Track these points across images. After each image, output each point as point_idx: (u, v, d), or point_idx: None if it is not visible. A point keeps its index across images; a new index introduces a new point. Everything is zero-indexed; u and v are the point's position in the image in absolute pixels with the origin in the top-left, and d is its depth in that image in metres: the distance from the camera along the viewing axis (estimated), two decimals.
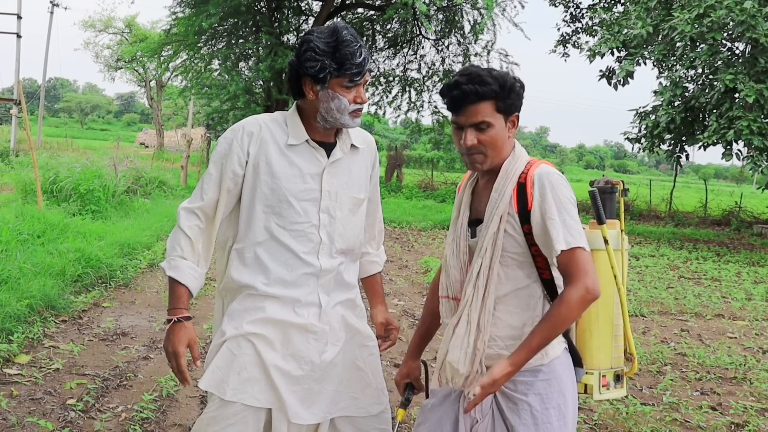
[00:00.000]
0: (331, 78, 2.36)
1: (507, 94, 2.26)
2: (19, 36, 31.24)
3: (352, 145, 2.55)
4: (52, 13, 37.06)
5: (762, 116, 15.48)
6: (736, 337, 7.38)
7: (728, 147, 16.85)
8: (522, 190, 2.25)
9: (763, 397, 5.42)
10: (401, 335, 6.49)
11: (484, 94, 2.24)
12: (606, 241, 2.32)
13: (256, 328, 2.40)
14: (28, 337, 5.54)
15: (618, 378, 2.41)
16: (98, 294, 7.22)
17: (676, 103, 17.60)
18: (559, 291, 2.28)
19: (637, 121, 19.06)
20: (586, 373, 2.37)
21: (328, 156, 2.48)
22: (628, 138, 19.57)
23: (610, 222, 2.40)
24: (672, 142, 19.05)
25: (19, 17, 31.51)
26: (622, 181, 2.49)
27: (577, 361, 2.36)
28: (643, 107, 18.96)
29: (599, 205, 2.37)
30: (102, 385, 4.76)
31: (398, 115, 22.34)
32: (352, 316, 2.58)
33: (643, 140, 19.08)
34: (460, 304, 2.32)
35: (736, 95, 15.90)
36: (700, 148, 17.66)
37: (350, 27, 2.42)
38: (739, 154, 17.26)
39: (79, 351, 5.41)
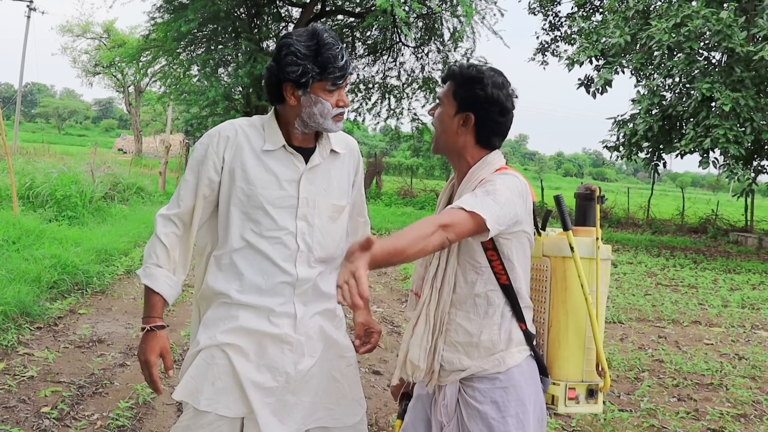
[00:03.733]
0: (313, 82, 2.32)
1: (463, 83, 2.30)
2: None
3: (332, 151, 2.50)
4: (29, 17, 36.86)
5: (738, 125, 15.64)
6: (712, 344, 7.43)
7: (705, 155, 17.02)
8: None
9: (739, 403, 5.46)
10: (380, 342, 6.47)
11: (450, 74, 2.37)
12: (571, 249, 2.27)
13: (230, 338, 2.37)
14: (2, 345, 5.46)
15: (591, 393, 2.35)
16: (74, 301, 7.14)
17: (653, 112, 17.75)
18: (519, 298, 2.28)
19: (615, 130, 19.20)
20: (553, 383, 2.33)
21: (307, 162, 2.43)
22: (606, 146, 19.71)
23: (585, 230, 2.37)
24: (649, 150, 19.21)
25: None
26: (599, 188, 2.45)
27: (543, 370, 2.33)
28: (621, 115, 19.11)
29: (564, 210, 2.34)
30: (77, 392, 4.70)
31: (378, 122, 22.39)
32: (330, 327, 2.53)
33: (621, 148, 19.21)
34: (419, 301, 2.34)
35: (713, 104, 16.08)
36: (677, 156, 17.81)
37: (329, 29, 2.40)
38: (716, 162, 17.43)
39: (55, 358, 5.34)
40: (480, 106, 2.28)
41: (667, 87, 18.97)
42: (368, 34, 20.83)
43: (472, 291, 2.27)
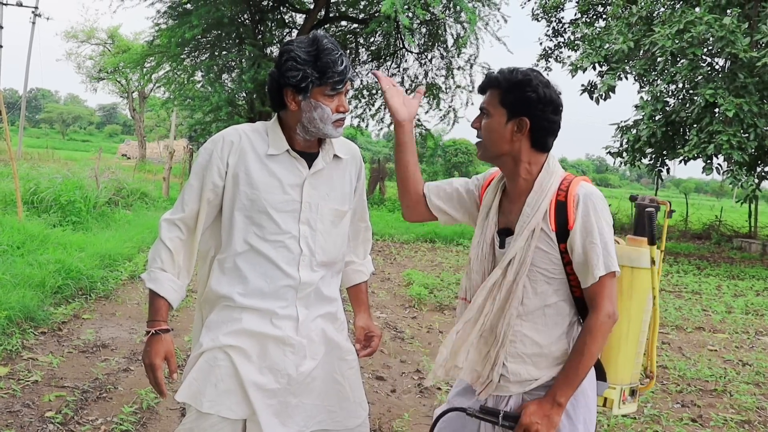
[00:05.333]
0: (313, 87, 2.34)
1: (510, 88, 2.26)
2: (0, 46, 31.05)
3: (335, 156, 2.52)
4: (34, 23, 36.91)
5: (741, 131, 15.62)
6: (716, 350, 7.42)
7: (708, 161, 17.00)
8: (562, 208, 2.22)
9: (743, 409, 5.46)
10: (383, 348, 6.48)
11: (492, 82, 2.30)
12: (653, 261, 2.35)
13: (233, 340, 2.39)
14: (7, 349, 5.48)
15: (633, 393, 2.41)
16: (78, 306, 7.15)
17: (657, 118, 17.73)
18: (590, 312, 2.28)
19: (619, 135, 19.18)
20: (609, 387, 2.37)
21: (310, 166, 2.45)
22: (609, 152, 19.69)
23: (644, 240, 2.42)
24: (653, 156, 19.18)
25: (0, 27, 31.34)
26: (669, 202, 2.50)
27: (600, 375, 2.36)
28: (625, 121, 19.10)
29: (654, 225, 2.39)
30: (81, 397, 4.71)
31: (381, 128, 22.38)
32: (332, 330, 2.55)
33: (624, 154, 19.19)
34: (471, 307, 2.32)
35: (716, 110, 16.05)
36: (680, 162, 17.77)
37: (329, 36, 2.41)
38: (719, 168, 17.41)
39: (59, 363, 5.36)
40: (534, 108, 2.25)
41: (670, 93, 18.96)
42: (372, 40, 20.85)
43: (543, 302, 2.26)
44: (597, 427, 4.81)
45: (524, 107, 2.25)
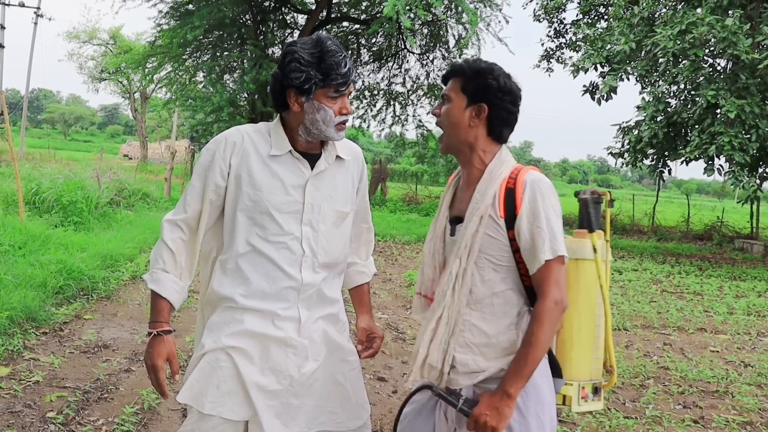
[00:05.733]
0: (316, 89, 2.34)
1: (473, 75, 2.32)
2: (2, 46, 31.12)
3: (338, 157, 2.51)
4: (36, 23, 36.95)
5: (743, 132, 15.61)
6: (718, 351, 7.41)
7: (710, 162, 16.99)
8: (511, 195, 2.24)
9: (745, 411, 5.45)
10: (384, 348, 6.48)
11: (455, 70, 2.38)
12: (595, 250, 2.32)
13: (235, 342, 2.38)
14: (8, 350, 5.48)
15: (596, 390, 2.37)
16: (80, 306, 7.16)
17: (658, 119, 17.72)
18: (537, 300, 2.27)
19: (620, 136, 19.18)
20: (566, 383, 2.33)
21: (312, 167, 2.45)
22: (611, 153, 19.69)
23: (596, 233, 2.39)
24: (655, 156, 19.17)
25: (3, 27, 31.41)
26: (609, 192, 2.46)
27: (556, 371, 2.33)
28: (626, 122, 19.10)
29: (590, 212, 2.38)
30: (83, 397, 4.71)
31: (383, 129, 22.44)
32: (333, 331, 2.55)
33: (626, 155, 19.19)
34: (435, 303, 2.33)
35: (718, 111, 16.05)
36: (682, 163, 17.76)
37: (333, 38, 2.41)
38: (721, 169, 17.39)
39: (60, 363, 5.36)
40: (494, 96, 2.31)
41: (672, 94, 18.95)
42: (373, 41, 20.88)
43: (491, 290, 2.27)
44: (599, 429, 4.81)
45: (484, 94, 2.31)
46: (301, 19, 20.43)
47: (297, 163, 2.44)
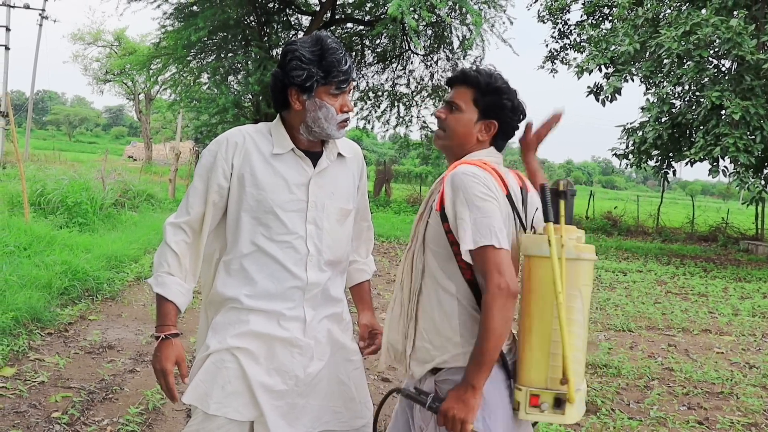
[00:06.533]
0: (317, 86, 2.34)
1: (488, 91, 2.35)
2: (7, 48, 31.20)
3: (339, 154, 2.52)
4: (41, 25, 37.00)
5: (748, 133, 15.58)
6: (722, 352, 7.40)
7: (715, 163, 16.95)
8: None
9: (749, 412, 5.44)
10: None
11: (468, 79, 2.38)
12: (549, 243, 2.12)
13: (240, 342, 2.38)
14: (13, 350, 5.50)
15: (559, 402, 2.17)
16: (85, 307, 7.17)
17: (663, 120, 17.70)
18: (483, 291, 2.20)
19: (625, 137, 19.15)
20: (516, 388, 2.23)
21: (315, 165, 2.45)
22: (615, 154, 19.66)
23: (567, 228, 2.20)
24: (659, 158, 19.15)
25: (8, 29, 31.49)
26: (568, 181, 2.26)
27: (507, 373, 2.27)
28: (631, 123, 19.07)
29: (547, 200, 2.20)
30: (88, 398, 4.72)
31: (387, 130, 22.43)
32: (337, 331, 2.55)
33: (630, 156, 19.16)
34: (396, 287, 2.42)
35: (723, 112, 16.02)
36: (687, 164, 17.73)
37: (333, 36, 2.42)
38: (726, 170, 17.36)
39: (65, 364, 5.37)
40: (505, 115, 2.37)
41: (676, 95, 18.92)
42: (378, 42, 20.88)
43: (435, 280, 2.29)
44: (603, 430, 4.80)
45: (497, 112, 2.37)
46: (305, 20, 20.45)
47: (299, 161, 2.44)
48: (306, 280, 2.41)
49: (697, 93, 17.76)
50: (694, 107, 17.63)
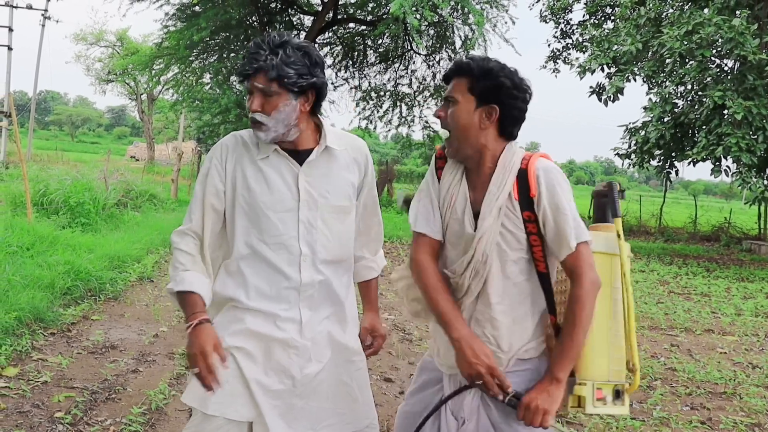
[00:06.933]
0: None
1: (482, 75, 2.24)
2: (10, 48, 31.22)
3: (327, 147, 2.46)
4: (43, 26, 37.03)
5: (750, 133, 15.57)
6: (725, 352, 7.39)
7: (717, 163, 16.95)
8: (523, 176, 2.21)
9: (752, 412, 5.43)
10: (391, 349, 6.48)
11: (461, 69, 2.27)
12: (619, 235, 2.28)
13: (238, 341, 2.37)
14: (16, 350, 5.50)
15: (618, 394, 2.23)
16: (87, 307, 7.18)
17: (665, 119, 17.69)
18: (554, 284, 2.27)
19: (627, 137, 19.14)
20: (578, 383, 2.22)
21: (301, 164, 2.43)
22: (618, 154, 19.65)
23: (605, 226, 2.35)
24: (662, 157, 19.14)
25: (11, 30, 31.51)
26: (618, 183, 2.39)
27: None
28: (633, 123, 19.06)
29: (616, 197, 2.33)
30: (90, 398, 4.73)
31: (389, 130, 22.35)
32: (339, 331, 2.52)
33: (633, 156, 19.15)
34: (466, 300, 2.30)
35: (725, 112, 16.01)
36: (689, 164, 17.72)
37: (275, 37, 2.38)
38: (728, 170, 17.36)
39: (68, 364, 5.38)
40: (506, 96, 2.23)
41: (679, 95, 18.92)
42: (380, 42, 20.84)
43: (506, 282, 2.25)
44: (606, 430, 4.80)
45: (495, 94, 2.23)
46: (308, 20, 20.42)
47: (284, 160, 2.43)
48: (300, 281, 2.40)
49: (700, 93, 17.75)
50: (696, 107, 17.62)
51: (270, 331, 2.39)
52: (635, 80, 18.75)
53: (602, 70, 19.31)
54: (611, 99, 18.57)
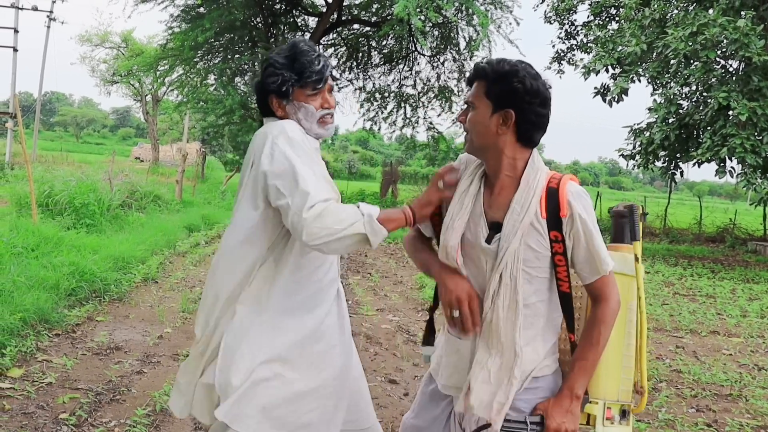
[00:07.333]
0: (293, 90, 2.39)
1: (496, 79, 2.18)
2: (15, 50, 31.25)
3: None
4: (48, 27, 37.13)
5: (755, 134, 15.54)
6: (731, 354, 7.37)
7: (722, 164, 16.92)
8: (553, 194, 2.15)
9: (758, 414, 5.41)
10: (396, 351, 6.47)
11: (479, 73, 2.22)
12: (637, 259, 2.30)
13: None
14: (21, 351, 5.51)
15: (624, 413, 2.25)
16: (92, 308, 7.18)
17: (670, 120, 17.67)
18: (575, 305, 2.27)
19: (632, 138, 19.13)
20: (590, 401, 2.23)
21: None
22: (622, 155, 19.63)
23: (625, 246, 2.35)
24: (666, 158, 19.12)
25: (16, 31, 31.55)
26: (642, 206, 2.42)
27: None
28: (638, 124, 19.04)
29: (636, 220, 2.34)
30: (95, 399, 4.73)
31: (393, 131, 22.36)
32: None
33: (637, 157, 19.14)
34: (485, 328, 2.21)
35: (730, 113, 15.99)
36: (694, 165, 17.70)
37: (308, 40, 2.46)
38: (733, 171, 17.32)
39: (73, 365, 5.38)
40: (521, 100, 2.16)
41: (683, 96, 18.89)
42: (384, 43, 20.84)
43: (522, 302, 2.19)
44: None
45: (510, 99, 2.16)
46: (312, 21, 20.43)
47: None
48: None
49: (705, 94, 17.73)
50: (701, 108, 17.60)
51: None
52: (640, 81, 18.74)
53: (607, 71, 19.32)
54: (616, 100, 18.56)
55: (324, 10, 19.40)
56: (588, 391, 2.23)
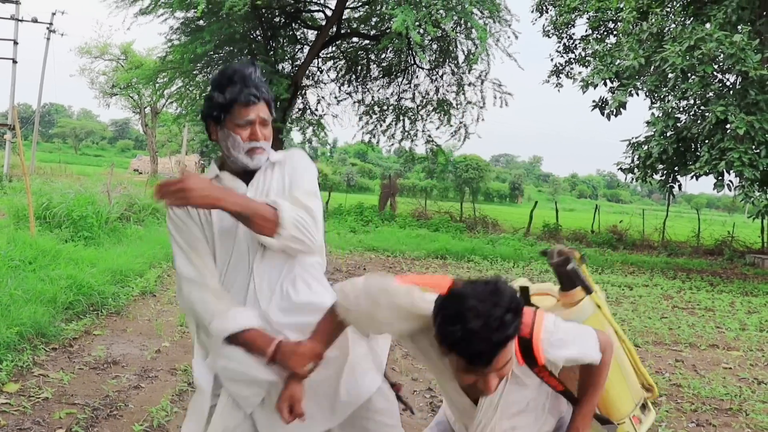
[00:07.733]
0: (225, 117, 2.38)
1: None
2: (14, 61, 31.33)
3: (268, 160, 2.49)
4: (48, 39, 37.20)
5: (753, 148, 15.58)
6: (730, 368, 7.35)
7: (720, 177, 16.93)
8: (526, 346, 2.13)
9: (759, 429, 5.39)
10: (394, 365, 6.45)
11: (506, 340, 1.94)
12: (599, 307, 2.41)
13: None
14: (18, 366, 5.48)
15: (644, 407, 2.46)
16: (89, 322, 7.16)
17: (668, 134, 17.69)
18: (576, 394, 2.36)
19: (630, 152, 19.14)
20: (619, 425, 2.39)
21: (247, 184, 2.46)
22: (621, 168, 19.65)
23: (578, 292, 2.42)
24: (664, 172, 19.13)
25: (16, 43, 31.63)
26: (574, 250, 2.47)
27: (604, 420, 2.38)
28: (636, 137, 19.07)
29: (583, 278, 2.41)
30: (92, 414, 4.70)
31: (392, 144, 22.42)
32: None
33: (635, 170, 19.15)
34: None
35: (728, 126, 16.01)
36: (692, 178, 17.72)
37: (250, 65, 2.41)
38: (731, 184, 17.34)
39: (69, 380, 5.35)
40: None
41: (681, 109, 18.92)
42: (383, 56, 20.94)
43: (522, 404, 2.26)
44: None
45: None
46: (311, 35, 20.52)
47: (233, 182, 2.46)
48: None
49: (702, 107, 17.76)
50: (698, 121, 17.61)
51: None
52: (638, 95, 18.77)
53: (605, 84, 19.35)
54: (614, 113, 18.59)
55: (323, 23, 19.48)
56: (611, 417, 2.40)
